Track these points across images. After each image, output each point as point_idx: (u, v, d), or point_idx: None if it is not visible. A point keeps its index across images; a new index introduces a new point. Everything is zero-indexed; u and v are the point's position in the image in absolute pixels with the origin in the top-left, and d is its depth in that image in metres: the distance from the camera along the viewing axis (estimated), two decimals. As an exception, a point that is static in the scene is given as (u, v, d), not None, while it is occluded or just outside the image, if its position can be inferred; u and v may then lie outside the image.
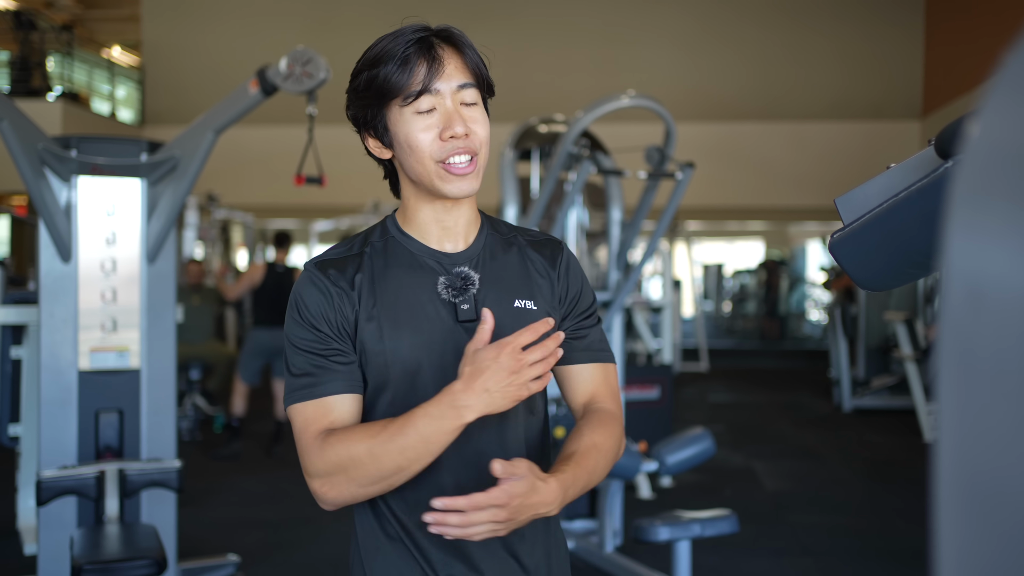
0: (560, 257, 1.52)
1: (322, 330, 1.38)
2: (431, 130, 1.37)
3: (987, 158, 0.49)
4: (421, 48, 1.37)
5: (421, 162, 1.38)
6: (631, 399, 6.02)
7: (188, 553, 4.33)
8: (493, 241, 1.50)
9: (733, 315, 17.53)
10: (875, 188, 1.24)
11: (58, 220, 3.54)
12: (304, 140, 4.08)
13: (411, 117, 1.37)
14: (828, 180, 13.66)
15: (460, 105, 1.39)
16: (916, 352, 8.23)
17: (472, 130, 1.38)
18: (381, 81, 1.37)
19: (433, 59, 1.37)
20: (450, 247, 1.46)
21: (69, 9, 17.46)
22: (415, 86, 1.36)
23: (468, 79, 1.40)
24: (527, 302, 1.45)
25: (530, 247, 1.52)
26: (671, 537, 3.06)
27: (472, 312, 1.40)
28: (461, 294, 1.41)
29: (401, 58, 1.36)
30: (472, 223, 1.49)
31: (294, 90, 3.75)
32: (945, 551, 0.51)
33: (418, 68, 1.36)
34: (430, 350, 1.39)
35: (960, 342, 0.50)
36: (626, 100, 4.54)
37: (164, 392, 3.76)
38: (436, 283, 1.42)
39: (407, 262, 1.43)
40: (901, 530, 5.25)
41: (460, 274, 1.42)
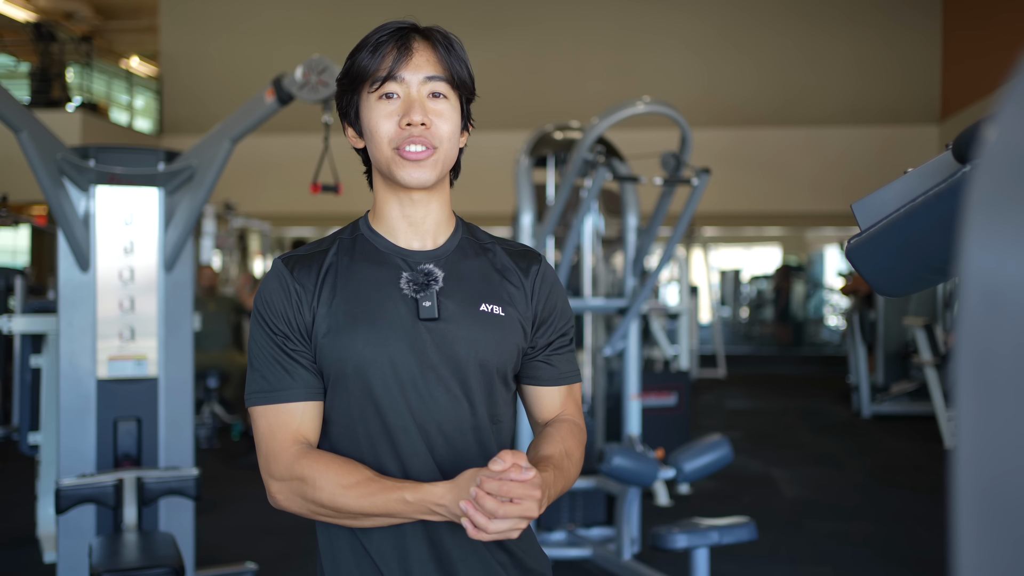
0: (536, 268, 1.50)
1: (283, 330, 1.38)
2: (392, 117, 1.37)
3: (1005, 162, 0.49)
4: (394, 37, 1.39)
5: (379, 148, 1.39)
6: (648, 406, 6.01)
7: (206, 561, 4.34)
8: (466, 245, 1.48)
9: (750, 321, 17.47)
10: (892, 193, 1.23)
11: (76, 229, 3.57)
12: (320, 148, 4.09)
13: (375, 103, 1.38)
14: (845, 185, 13.59)
15: (427, 97, 1.38)
16: (936, 357, 8.17)
17: (433, 122, 1.38)
18: (355, 68, 1.39)
19: (403, 48, 1.38)
20: (417, 245, 1.44)
21: (88, 21, 17.60)
22: (381, 72, 1.37)
23: (438, 72, 1.39)
24: (494, 307, 1.42)
25: (506, 255, 1.50)
26: (689, 545, 3.05)
27: (434, 311, 1.38)
28: (423, 290, 1.39)
29: (374, 44, 1.38)
30: (443, 223, 1.47)
31: (310, 99, 3.77)
32: (965, 559, 0.50)
33: (387, 55, 1.37)
34: (385, 346, 1.36)
35: (978, 347, 0.50)
36: (642, 106, 4.53)
37: (182, 400, 3.77)
38: (399, 279, 1.40)
39: (372, 258, 1.42)
40: (922, 538, 5.21)
41: (423, 270, 1.41)
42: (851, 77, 14.45)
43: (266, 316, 1.38)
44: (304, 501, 1.33)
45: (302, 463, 1.32)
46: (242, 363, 8.02)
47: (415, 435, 1.37)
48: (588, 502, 4.82)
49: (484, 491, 1.21)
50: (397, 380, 1.36)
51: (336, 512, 1.32)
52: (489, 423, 1.43)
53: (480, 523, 1.22)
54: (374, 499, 1.29)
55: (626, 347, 5.01)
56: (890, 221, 1.20)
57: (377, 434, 1.38)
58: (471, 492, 1.22)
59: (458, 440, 1.39)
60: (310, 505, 1.33)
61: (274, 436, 1.35)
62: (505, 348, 1.43)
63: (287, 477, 1.33)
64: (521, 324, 1.45)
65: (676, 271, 11.76)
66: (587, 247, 5.16)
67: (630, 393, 5.04)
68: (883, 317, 9.44)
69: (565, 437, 1.44)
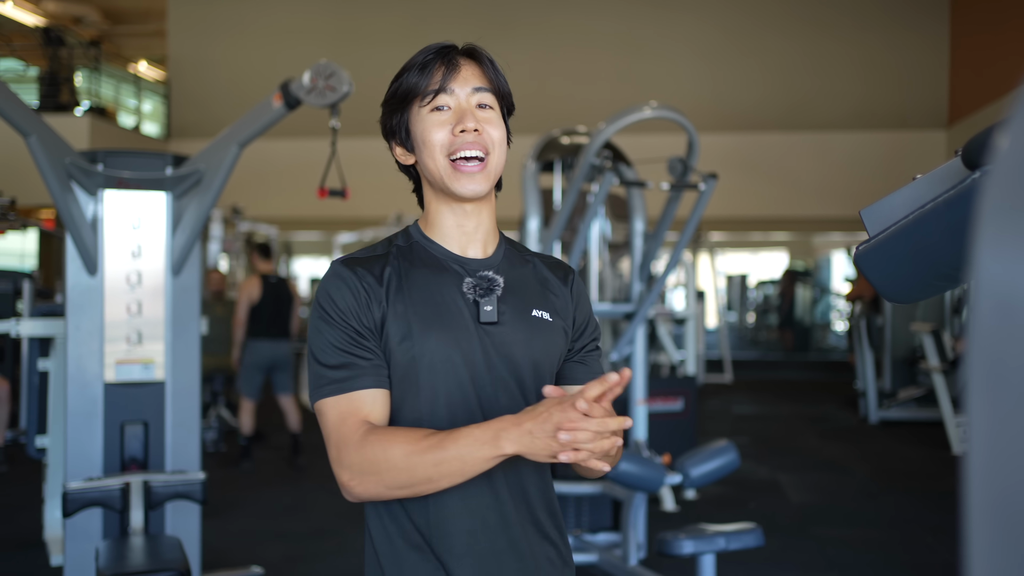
0: (572, 279, 1.59)
1: (352, 326, 1.41)
2: (445, 126, 1.44)
3: (1017, 169, 0.49)
4: (439, 55, 1.47)
5: (433, 157, 1.45)
6: (654, 411, 6.00)
7: (212, 565, 4.35)
8: (511, 255, 1.56)
9: (757, 326, 17.45)
10: (901, 199, 1.23)
11: (84, 233, 3.58)
12: (327, 153, 4.10)
13: (427, 115, 1.45)
14: (852, 190, 13.57)
15: (475, 107, 1.46)
16: (943, 363, 8.15)
17: (484, 129, 1.45)
18: (403, 87, 1.47)
19: (450, 64, 1.46)
20: (472, 253, 1.51)
21: (97, 25, 17.67)
22: (432, 86, 1.45)
23: (484, 84, 1.48)
24: (544, 313, 1.50)
25: (544, 266, 1.58)
26: (695, 551, 3.04)
27: (494, 315, 1.44)
28: (486, 295, 1.45)
29: (421, 63, 1.46)
30: (491, 234, 1.54)
31: (317, 103, 3.77)
32: (976, 567, 0.50)
33: (436, 71, 1.45)
34: (457, 347, 1.42)
35: (990, 354, 0.49)
36: (648, 111, 4.53)
37: (189, 404, 3.78)
38: (461, 284, 1.46)
39: (431, 264, 1.48)
40: (929, 544, 5.19)
41: (486, 276, 1.47)
42: (858, 82, 14.44)
43: (333, 312, 1.42)
44: (379, 478, 1.34)
45: (371, 439, 1.35)
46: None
47: None
48: (594, 507, 4.81)
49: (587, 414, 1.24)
50: (465, 380, 1.42)
51: (411, 476, 1.32)
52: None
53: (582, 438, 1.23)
54: (445, 447, 1.31)
55: (632, 352, 5.01)
56: (899, 227, 1.20)
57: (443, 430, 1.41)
58: (580, 405, 1.23)
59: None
60: (385, 479, 1.34)
61: (344, 422, 1.38)
62: (553, 351, 1.51)
63: (359, 460, 1.34)
64: (564, 330, 1.54)
65: (683, 276, 11.74)
66: (594, 252, 5.15)
67: (636, 398, 5.03)
68: (891, 323, 9.42)
69: None
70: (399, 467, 1.32)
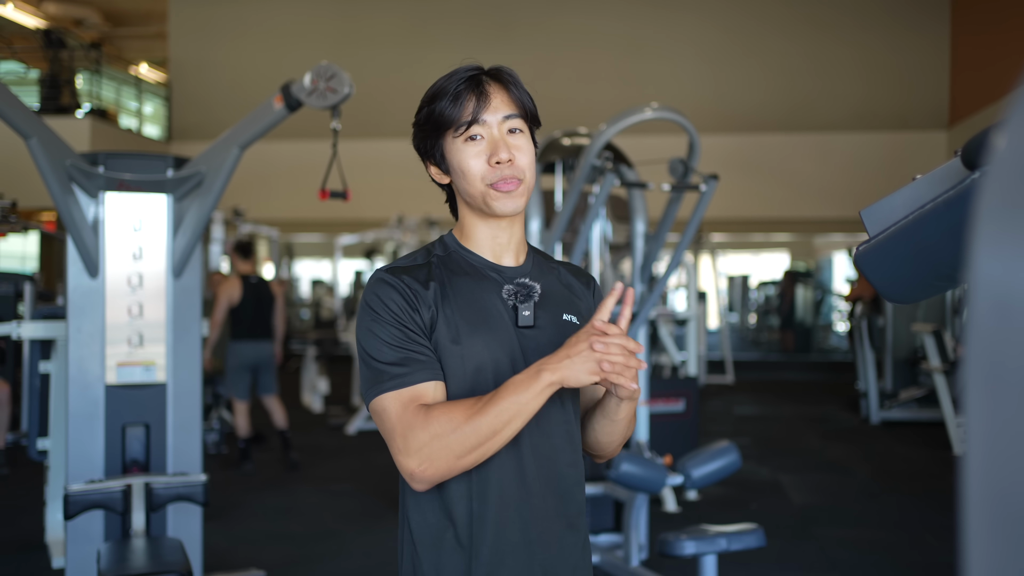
0: (594, 285, 1.72)
1: (408, 326, 1.51)
2: (480, 156, 1.54)
3: (1014, 169, 0.49)
4: (471, 85, 1.55)
5: (472, 185, 1.55)
6: (656, 412, 5.99)
7: (213, 567, 4.35)
8: (539, 262, 1.68)
9: (758, 327, 17.44)
10: (901, 200, 1.23)
11: (86, 236, 3.58)
12: (328, 155, 4.10)
13: (462, 146, 1.55)
14: (853, 191, 13.57)
15: (506, 134, 1.55)
16: (944, 364, 8.14)
17: (515, 156, 1.54)
18: (437, 115, 1.56)
19: (481, 94, 1.55)
20: (506, 262, 1.62)
21: (98, 27, 17.68)
22: (465, 118, 1.54)
23: (513, 111, 1.57)
24: (572, 316, 1.61)
25: (568, 273, 1.70)
26: (697, 551, 3.04)
27: (531, 319, 1.56)
28: (525, 300, 1.57)
29: (453, 94, 1.54)
30: (522, 244, 1.65)
31: (318, 105, 3.78)
32: (975, 567, 0.50)
33: (467, 102, 1.54)
34: (501, 348, 1.53)
35: (988, 354, 0.49)
36: (649, 112, 4.53)
37: (190, 406, 3.78)
38: (500, 290, 1.58)
39: (471, 272, 1.59)
40: (930, 545, 5.19)
41: (523, 283, 1.59)
42: (859, 83, 14.44)
43: (385, 313, 1.51)
44: (449, 448, 1.42)
45: (434, 413, 1.44)
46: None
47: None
48: (596, 508, 4.81)
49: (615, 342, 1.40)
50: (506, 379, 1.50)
51: (477, 434, 1.42)
52: (574, 417, 1.60)
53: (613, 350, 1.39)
54: (499, 398, 1.42)
55: (634, 353, 4.99)
56: (899, 228, 1.20)
57: None
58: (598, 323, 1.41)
59: (552, 433, 1.55)
60: (455, 447, 1.42)
61: (406, 411, 1.45)
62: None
63: (427, 437, 1.42)
64: None
65: (684, 277, 11.75)
66: (595, 253, 5.15)
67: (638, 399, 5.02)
68: (892, 323, 9.42)
69: None
70: (465, 429, 1.41)
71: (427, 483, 1.45)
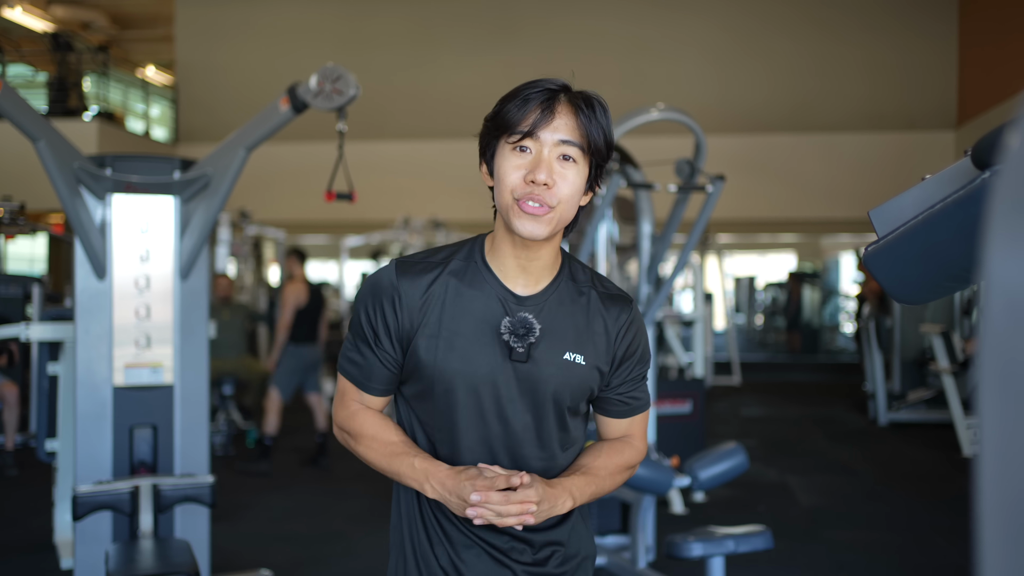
0: (626, 316, 1.63)
1: (380, 332, 1.57)
2: (520, 170, 1.48)
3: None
4: (543, 96, 1.49)
5: (502, 194, 1.50)
6: (663, 413, 5.99)
7: (221, 567, 4.35)
8: (565, 289, 1.60)
9: (765, 328, 17.41)
10: (910, 200, 1.23)
11: (93, 238, 3.59)
12: (335, 156, 4.10)
13: (509, 153, 1.50)
14: (860, 192, 13.53)
15: (556, 158, 1.48)
16: (953, 365, 8.12)
17: (556, 183, 1.48)
18: (501, 116, 1.51)
19: (547, 109, 1.48)
20: (521, 289, 1.57)
21: (105, 30, 17.73)
22: (522, 126, 1.48)
23: (573, 138, 1.49)
24: (577, 356, 1.57)
25: (599, 300, 1.62)
26: (704, 553, 3.03)
27: (524, 356, 1.53)
28: (520, 341, 1.52)
29: (522, 99, 1.49)
30: (549, 267, 1.59)
31: (324, 107, 3.78)
32: (990, 569, 0.50)
33: (531, 112, 1.48)
34: (473, 379, 1.53)
35: (1001, 356, 0.49)
36: (656, 113, 4.53)
37: (197, 408, 3.79)
38: (500, 320, 1.54)
39: (481, 290, 1.56)
40: (939, 547, 5.17)
41: (524, 321, 1.53)
42: (866, 83, 14.40)
43: (373, 314, 1.58)
44: (349, 446, 1.65)
45: (356, 420, 1.62)
46: (258, 370, 8.04)
47: (481, 456, 1.57)
48: (603, 510, 4.80)
49: (483, 499, 1.46)
50: (476, 407, 1.55)
51: (374, 463, 1.60)
52: (559, 451, 1.61)
53: (489, 516, 1.47)
54: (392, 460, 1.57)
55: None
56: (908, 228, 1.19)
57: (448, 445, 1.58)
58: (473, 498, 1.46)
59: (529, 468, 1.58)
60: (353, 447, 1.63)
61: (346, 394, 1.64)
62: (580, 392, 1.59)
63: (342, 427, 1.64)
64: (599, 369, 1.60)
65: (690, 278, 11.74)
66: (601, 254, 5.15)
67: (645, 400, 5.01)
68: (899, 324, 9.39)
69: (610, 452, 1.66)
70: (360, 453, 1.62)
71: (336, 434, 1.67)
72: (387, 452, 1.57)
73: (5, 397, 6.58)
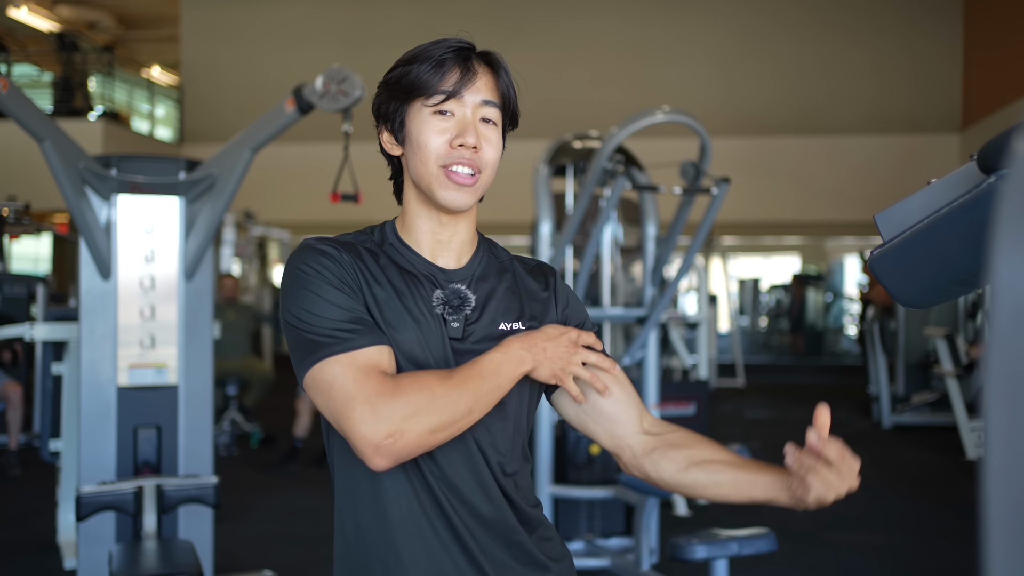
0: (553, 280, 1.53)
1: (350, 286, 1.34)
2: (444, 134, 1.37)
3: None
4: (458, 57, 1.39)
5: (425, 163, 1.38)
6: (667, 415, 5.98)
7: (224, 568, 4.35)
8: (488, 264, 1.49)
9: (769, 330, 17.39)
10: (916, 204, 1.22)
11: (98, 238, 3.59)
12: (340, 157, 4.10)
13: (429, 117, 1.38)
14: (865, 194, 13.53)
15: (479, 121, 1.39)
16: (957, 368, 8.10)
17: (482, 147, 1.39)
18: (412, 78, 1.38)
19: (467, 70, 1.38)
20: (443, 263, 1.44)
21: (110, 31, 17.76)
22: (443, 87, 1.37)
23: (494, 98, 1.41)
24: (514, 324, 1.44)
25: (525, 273, 1.52)
26: (708, 555, 3.03)
27: (460, 332, 1.39)
28: (456, 312, 1.40)
29: (437, 60, 1.37)
30: (468, 242, 1.47)
31: (330, 108, 3.78)
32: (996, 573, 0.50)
33: (450, 73, 1.37)
34: (426, 351, 1.36)
35: (1008, 361, 0.49)
36: (661, 116, 4.52)
37: (201, 408, 3.79)
38: (431, 296, 1.40)
39: (403, 268, 1.41)
40: (943, 549, 5.16)
41: (458, 292, 1.42)
42: (871, 85, 14.39)
43: (328, 272, 1.33)
44: (424, 421, 1.25)
45: (404, 384, 1.26)
46: (262, 370, 8.05)
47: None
48: (606, 512, 4.80)
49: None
50: None
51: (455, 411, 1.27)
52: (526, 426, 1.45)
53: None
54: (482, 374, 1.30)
55: (645, 356, 5.00)
56: (914, 232, 1.19)
57: None
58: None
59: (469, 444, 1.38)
60: (431, 421, 1.25)
61: (368, 377, 1.26)
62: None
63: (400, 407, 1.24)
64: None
65: (695, 280, 11.72)
66: (606, 256, 5.15)
67: (649, 403, 5.02)
68: (904, 327, 9.37)
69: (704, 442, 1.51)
70: (442, 401, 1.26)
71: (394, 459, 1.24)
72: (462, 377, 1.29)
73: (9, 397, 6.59)
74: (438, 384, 1.27)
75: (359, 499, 1.39)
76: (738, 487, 1.45)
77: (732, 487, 1.45)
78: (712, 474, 1.45)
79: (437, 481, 1.35)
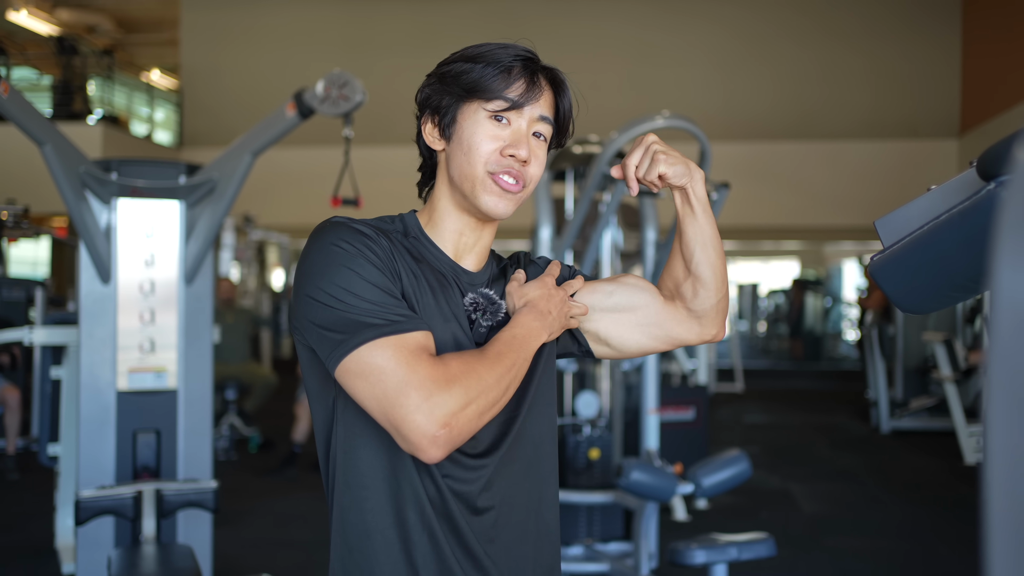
0: (543, 263, 1.55)
1: (390, 272, 1.30)
2: (497, 141, 1.36)
3: (1036, 182, 0.49)
4: (525, 68, 1.38)
5: (473, 165, 1.36)
6: (666, 420, 5.98)
7: (224, 573, 4.35)
8: (498, 268, 1.51)
9: (768, 335, 17.40)
10: (916, 210, 1.23)
11: (98, 242, 3.59)
12: (340, 161, 4.11)
13: (484, 120, 1.36)
14: (864, 199, 13.54)
15: (532, 135, 1.39)
16: (955, 373, 8.11)
17: (531, 161, 1.38)
18: (475, 77, 1.36)
19: (533, 83, 1.38)
20: (466, 264, 1.44)
21: (110, 34, 17.77)
22: (509, 94, 1.36)
23: (551, 116, 1.41)
24: None
25: (512, 269, 1.53)
26: (707, 560, 3.03)
27: (485, 336, 1.39)
28: (489, 317, 1.41)
29: (506, 66, 1.36)
30: (485, 251, 1.48)
31: (331, 113, 3.79)
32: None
33: (518, 83, 1.36)
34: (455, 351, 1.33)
35: (1009, 368, 0.49)
36: (660, 121, 4.53)
37: (201, 413, 3.79)
38: (458, 296, 1.39)
39: (432, 265, 1.39)
40: (942, 554, 5.16)
41: (489, 297, 1.43)
42: (869, 91, 14.41)
43: (367, 254, 1.27)
44: (476, 404, 1.20)
45: (455, 366, 1.22)
46: (263, 375, 8.05)
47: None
48: (606, 517, 4.80)
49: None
50: None
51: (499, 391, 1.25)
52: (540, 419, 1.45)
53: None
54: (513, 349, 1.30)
55: (644, 362, 5.00)
56: (914, 239, 1.19)
57: None
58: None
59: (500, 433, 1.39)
60: (480, 403, 1.21)
61: (420, 360, 1.20)
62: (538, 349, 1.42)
63: (459, 392, 1.19)
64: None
65: (694, 285, 11.71)
66: (606, 261, 5.15)
67: (648, 408, 5.02)
68: (902, 332, 9.38)
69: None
70: (489, 382, 1.23)
71: (450, 448, 1.19)
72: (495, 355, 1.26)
73: (7, 401, 6.59)
74: (480, 365, 1.23)
75: (368, 503, 1.40)
76: (690, 240, 1.52)
77: (692, 244, 1.52)
78: (688, 257, 1.53)
79: (447, 485, 1.34)
